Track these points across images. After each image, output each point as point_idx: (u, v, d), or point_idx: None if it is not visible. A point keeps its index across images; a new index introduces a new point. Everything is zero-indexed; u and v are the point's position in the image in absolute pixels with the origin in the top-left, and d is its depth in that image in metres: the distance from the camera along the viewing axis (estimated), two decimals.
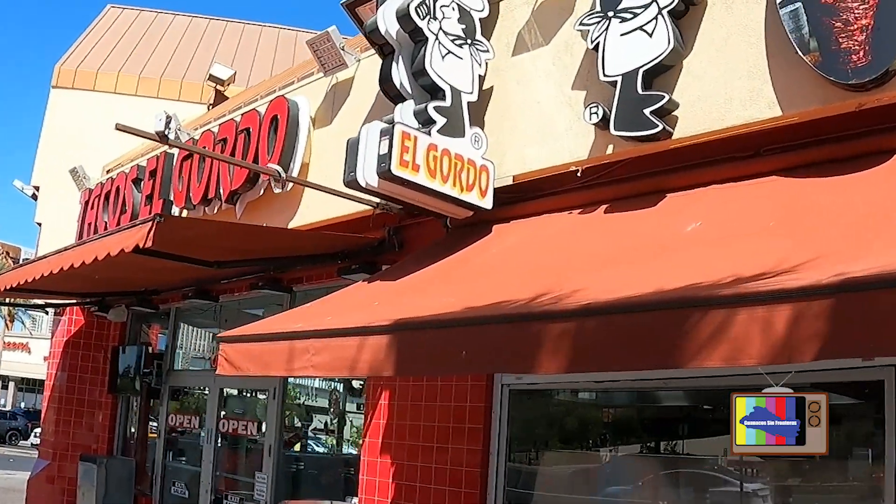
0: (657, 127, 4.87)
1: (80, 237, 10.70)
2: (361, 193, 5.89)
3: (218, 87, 13.38)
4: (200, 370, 11.04)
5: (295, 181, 6.95)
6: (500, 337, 3.48)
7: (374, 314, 4.40)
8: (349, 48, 7.31)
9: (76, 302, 11.36)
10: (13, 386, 50.58)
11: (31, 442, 33.98)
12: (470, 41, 5.85)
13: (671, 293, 3.09)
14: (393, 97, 5.78)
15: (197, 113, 12.35)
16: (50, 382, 12.17)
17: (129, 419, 11.71)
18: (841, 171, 4.39)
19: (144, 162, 9.89)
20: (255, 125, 7.89)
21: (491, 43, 6.03)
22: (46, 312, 12.28)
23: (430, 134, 5.47)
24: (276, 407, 8.68)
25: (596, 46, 5.23)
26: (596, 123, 5.17)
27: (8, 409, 44.79)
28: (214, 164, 8.29)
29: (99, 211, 10.44)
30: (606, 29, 5.18)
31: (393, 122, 5.46)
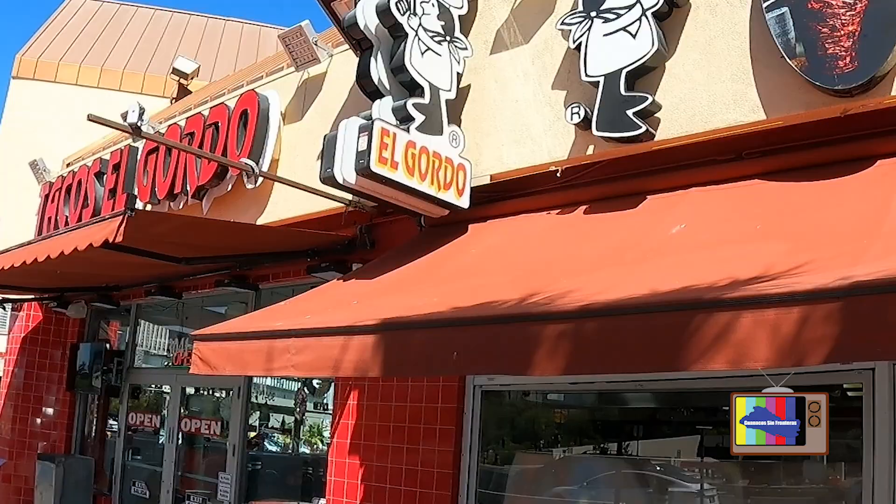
0: (640, 128, 4.84)
1: (39, 231, 10.47)
2: (336, 190, 5.80)
3: (181, 80, 13.19)
4: (161, 368, 10.84)
5: (269, 177, 6.83)
6: (494, 338, 3.42)
7: (356, 313, 4.31)
8: (321, 43, 7.21)
9: (34, 297, 11.10)
10: None
11: None
12: (449, 38, 5.78)
13: (672, 295, 3.05)
14: (370, 93, 5.68)
15: (160, 106, 12.16)
16: (6, 379, 11.86)
17: (87, 417, 11.46)
18: (824, 175, 4.39)
19: (108, 155, 9.66)
20: (223, 119, 7.75)
21: (469, 41, 5.97)
22: (3, 308, 11.94)
23: (408, 131, 5.39)
24: (240, 406, 8.53)
25: (578, 46, 5.19)
26: (577, 124, 5.13)
27: None
28: (181, 158, 8.12)
29: (60, 204, 10.20)
30: (589, 29, 5.14)
31: (371, 118, 5.37)
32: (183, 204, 8.23)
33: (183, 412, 9.67)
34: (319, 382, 9.10)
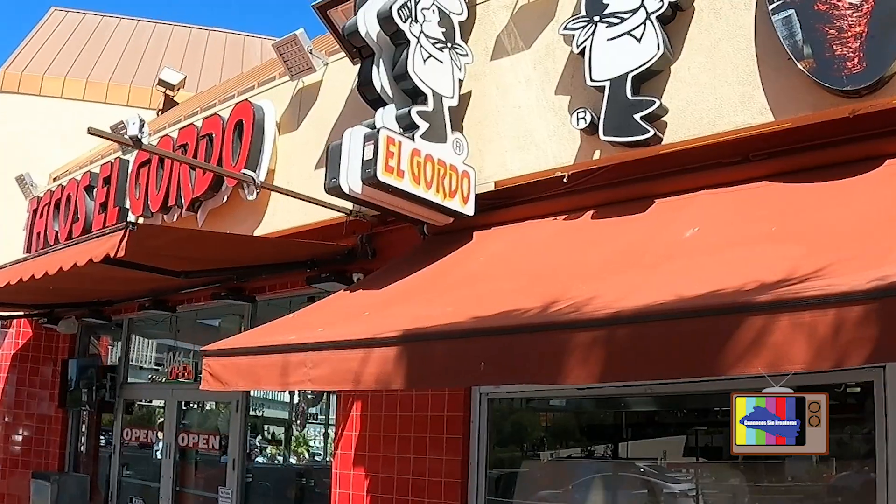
0: (648, 132, 4.82)
1: (28, 246, 10.33)
2: (337, 200, 5.76)
3: (168, 91, 13.09)
4: (157, 382, 10.73)
5: (272, 188, 6.75)
6: (524, 347, 3.38)
7: (372, 325, 4.26)
8: (315, 51, 7.16)
9: (24, 314, 10.96)
10: None
11: None
12: (450, 45, 5.75)
13: (703, 300, 3.03)
14: (372, 101, 5.63)
15: (147, 118, 12.03)
16: None
17: (80, 434, 11.33)
18: (833, 176, 4.40)
19: (97, 169, 9.55)
20: (217, 130, 7.68)
21: (469, 47, 5.94)
22: None
23: (413, 139, 5.35)
24: (239, 420, 8.45)
25: (582, 51, 5.18)
26: (583, 129, 5.11)
27: None
28: (174, 170, 8.03)
29: (49, 219, 10.06)
30: (593, 33, 5.13)
31: (374, 126, 5.33)
32: (177, 217, 8.13)
33: (180, 427, 9.57)
34: (312, 394, 9.05)
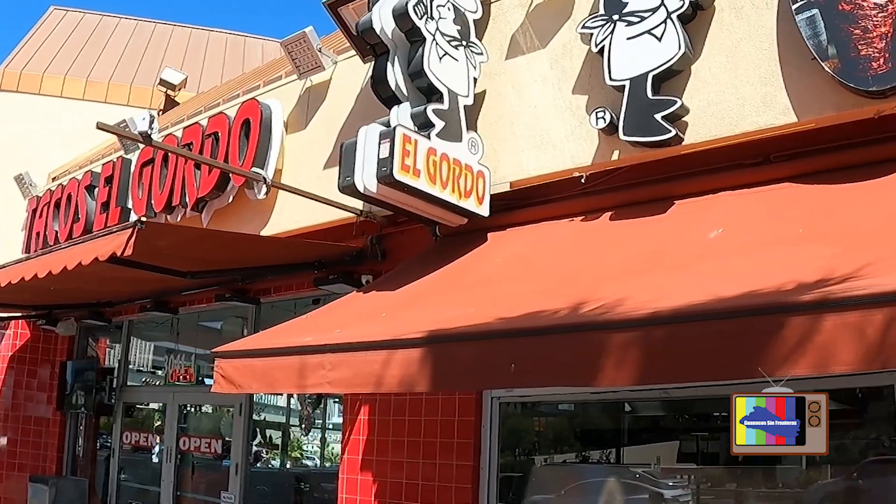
0: (669, 132, 4.76)
1: (27, 246, 10.22)
2: (348, 200, 5.68)
3: (169, 91, 13.01)
4: (157, 385, 10.61)
5: (283, 187, 6.65)
6: (557, 348, 3.30)
7: (392, 327, 4.17)
8: (324, 50, 7.08)
9: (22, 315, 10.83)
10: None
11: None
12: (465, 43, 5.68)
13: (742, 300, 2.96)
14: (386, 99, 5.53)
15: None
16: None
17: (77, 437, 11.20)
18: (857, 177, 4.35)
19: (98, 168, 9.45)
20: (224, 129, 7.58)
21: (483, 45, 5.87)
22: None
23: (429, 138, 5.27)
24: (242, 423, 8.34)
25: (600, 50, 5.11)
26: (602, 128, 5.04)
27: None
28: (179, 169, 7.94)
29: (49, 219, 9.94)
30: (612, 32, 5.06)
31: (389, 124, 5.25)
32: (181, 217, 8.03)
33: (180, 430, 9.46)
34: (312, 398, 8.98)
